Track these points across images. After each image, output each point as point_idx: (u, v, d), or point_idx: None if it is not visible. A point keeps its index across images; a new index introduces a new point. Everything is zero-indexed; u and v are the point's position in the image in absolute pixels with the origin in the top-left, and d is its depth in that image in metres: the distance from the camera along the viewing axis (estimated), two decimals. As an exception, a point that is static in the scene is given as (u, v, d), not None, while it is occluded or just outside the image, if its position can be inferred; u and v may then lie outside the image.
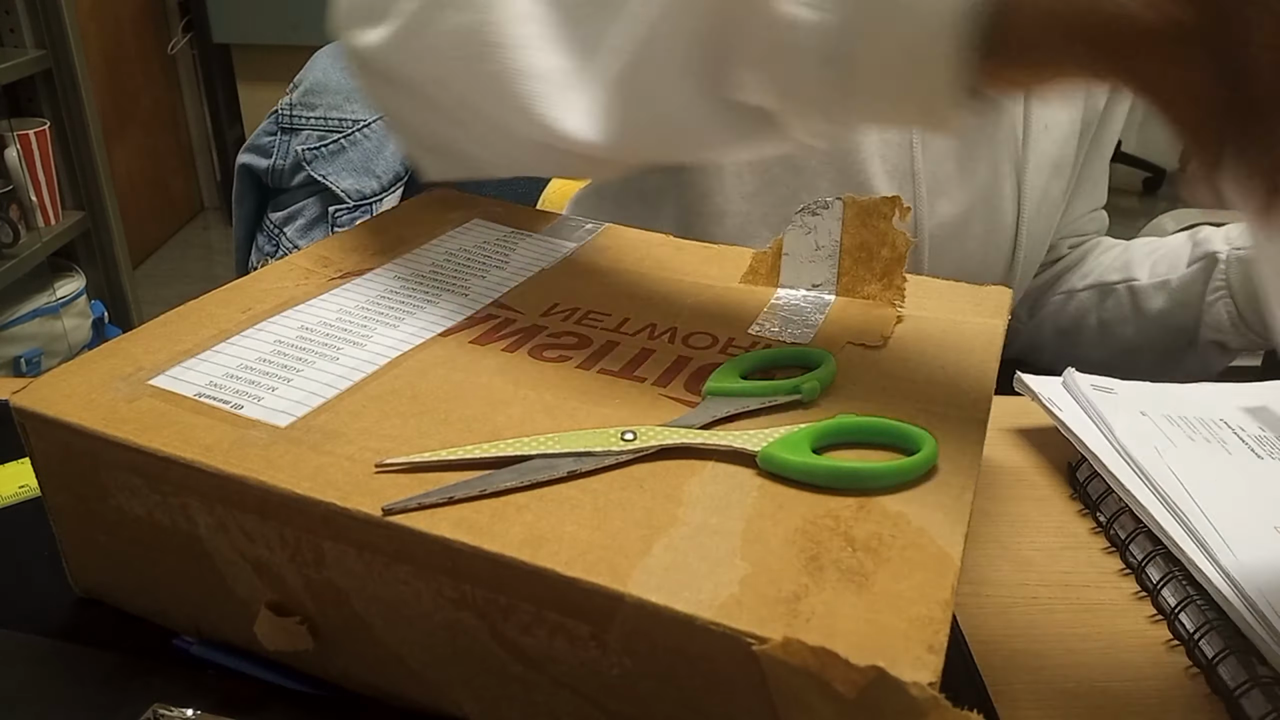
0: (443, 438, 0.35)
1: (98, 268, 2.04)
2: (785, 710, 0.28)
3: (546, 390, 0.39)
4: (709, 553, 0.30)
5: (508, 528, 0.31)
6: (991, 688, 0.39)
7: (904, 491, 0.34)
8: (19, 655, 0.38)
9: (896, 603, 0.29)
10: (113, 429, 0.35)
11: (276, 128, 0.94)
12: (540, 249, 0.53)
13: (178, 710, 0.35)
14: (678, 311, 0.46)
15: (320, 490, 0.33)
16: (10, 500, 0.47)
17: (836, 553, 0.31)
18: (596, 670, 0.31)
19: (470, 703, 0.35)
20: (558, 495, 0.33)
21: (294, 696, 0.37)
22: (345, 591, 0.34)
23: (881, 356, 0.43)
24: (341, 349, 0.41)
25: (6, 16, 1.82)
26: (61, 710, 0.36)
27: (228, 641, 0.38)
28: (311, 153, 0.92)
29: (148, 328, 0.42)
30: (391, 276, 0.48)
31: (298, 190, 0.95)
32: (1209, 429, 0.54)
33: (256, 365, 0.40)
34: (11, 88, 1.85)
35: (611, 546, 0.30)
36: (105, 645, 0.39)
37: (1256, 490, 0.49)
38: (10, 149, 1.76)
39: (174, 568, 0.38)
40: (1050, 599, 0.45)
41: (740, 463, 0.35)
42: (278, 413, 0.37)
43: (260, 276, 0.47)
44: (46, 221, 1.88)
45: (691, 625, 0.28)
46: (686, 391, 0.39)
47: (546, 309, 0.46)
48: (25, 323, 1.81)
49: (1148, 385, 0.58)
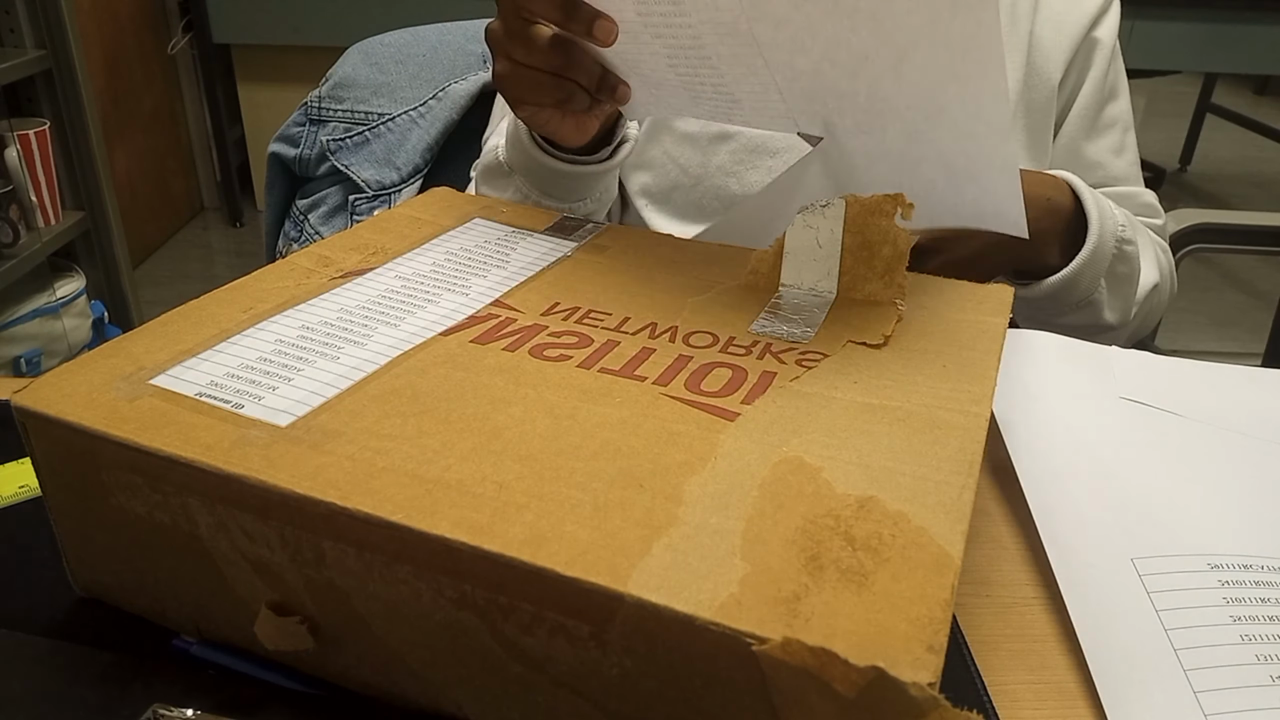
0: (443, 437, 0.35)
1: (98, 268, 2.04)
2: (785, 710, 0.28)
3: (547, 389, 0.39)
4: (709, 553, 0.30)
5: (508, 527, 0.31)
6: (991, 688, 0.39)
7: (904, 491, 0.34)
8: (19, 655, 0.38)
9: (896, 603, 0.29)
10: (113, 428, 0.35)
11: (305, 119, 0.98)
12: (541, 248, 0.53)
13: (178, 710, 0.35)
14: (678, 310, 0.46)
15: (320, 490, 0.32)
16: (10, 500, 0.47)
17: (836, 552, 0.30)
18: (596, 670, 0.31)
19: (470, 703, 0.35)
20: (558, 495, 0.33)
21: (294, 696, 0.37)
22: (345, 591, 0.34)
23: (882, 355, 0.43)
24: (342, 348, 0.41)
25: (6, 16, 1.81)
26: (61, 710, 0.36)
27: (228, 641, 0.38)
28: (336, 143, 0.95)
29: (148, 327, 0.42)
30: (392, 276, 0.48)
31: (323, 179, 0.98)
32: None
33: (257, 365, 0.40)
34: (11, 88, 1.85)
35: (611, 546, 0.30)
36: (105, 645, 0.39)
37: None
38: (10, 149, 1.76)
39: (174, 567, 0.38)
40: (1050, 599, 0.45)
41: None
42: (278, 412, 0.37)
43: (261, 276, 0.47)
44: (46, 221, 1.88)
45: (691, 625, 0.28)
46: (687, 391, 0.39)
47: (547, 308, 0.46)
48: (25, 323, 1.81)
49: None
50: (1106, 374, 0.57)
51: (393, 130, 0.96)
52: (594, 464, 0.34)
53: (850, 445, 0.36)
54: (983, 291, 0.49)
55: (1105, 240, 0.67)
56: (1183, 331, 2.39)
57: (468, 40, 1.01)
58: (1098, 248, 0.67)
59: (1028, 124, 0.78)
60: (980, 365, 0.42)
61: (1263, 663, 0.39)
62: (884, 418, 0.38)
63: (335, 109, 0.97)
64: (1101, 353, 0.60)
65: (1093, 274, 0.68)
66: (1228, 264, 2.75)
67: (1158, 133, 3.66)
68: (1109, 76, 0.81)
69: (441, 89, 0.96)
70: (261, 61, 2.69)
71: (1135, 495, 0.48)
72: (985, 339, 0.44)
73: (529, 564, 0.30)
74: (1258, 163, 3.66)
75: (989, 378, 0.41)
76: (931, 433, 0.37)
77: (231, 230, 2.86)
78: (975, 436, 0.37)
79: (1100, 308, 0.71)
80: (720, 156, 0.77)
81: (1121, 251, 0.69)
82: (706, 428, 0.37)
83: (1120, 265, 0.70)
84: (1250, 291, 2.65)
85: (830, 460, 0.35)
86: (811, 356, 0.42)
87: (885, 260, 0.47)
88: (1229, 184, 3.51)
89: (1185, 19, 2.48)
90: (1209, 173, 3.55)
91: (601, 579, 0.29)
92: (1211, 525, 0.46)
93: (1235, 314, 2.52)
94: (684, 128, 0.78)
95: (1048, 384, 0.57)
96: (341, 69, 0.98)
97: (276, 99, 2.71)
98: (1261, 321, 2.38)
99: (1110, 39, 0.80)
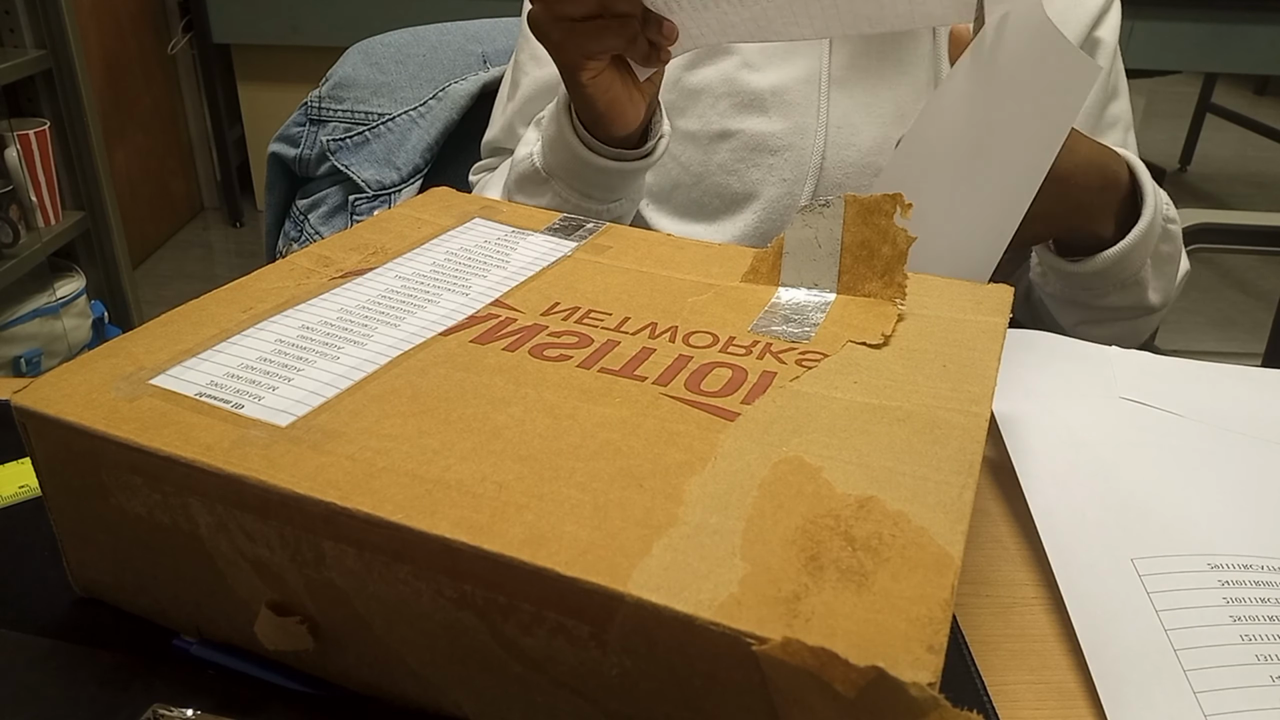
0: (443, 437, 0.35)
1: (98, 268, 2.04)
2: (785, 710, 0.28)
3: (547, 389, 0.39)
4: (709, 553, 0.30)
5: (508, 527, 0.31)
6: (991, 688, 0.39)
7: (904, 491, 0.34)
8: (19, 655, 0.38)
9: (896, 603, 0.29)
10: (113, 428, 0.35)
11: (305, 119, 0.98)
12: (541, 248, 0.53)
13: (178, 710, 0.35)
14: (678, 310, 0.46)
15: (320, 490, 0.32)
16: (10, 500, 0.47)
17: (836, 552, 0.30)
18: (596, 670, 0.31)
19: (470, 703, 0.35)
20: (558, 495, 0.33)
21: (294, 696, 0.37)
22: (345, 591, 0.34)
23: (882, 354, 0.43)
24: (342, 348, 0.41)
25: (6, 16, 1.81)
26: (61, 710, 0.36)
27: (228, 641, 0.38)
28: (336, 143, 0.95)
29: (148, 327, 0.42)
30: (392, 276, 0.48)
31: (323, 179, 0.98)
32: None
33: (257, 365, 0.40)
34: (11, 88, 1.85)
35: (611, 546, 0.30)
36: (105, 645, 0.39)
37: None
38: (10, 149, 1.76)
39: (174, 567, 0.38)
40: (1050, 599, 0.45)
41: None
42: (278, 412, 0.37)
43: (261, 276, 0.47)
44: (46, 221, 1.88)
45: (691, 625, 0.28)
46: (687, 391, 0.39)
47: (547, 308, 0.46)
48: (25, 323, 1.81)
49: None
50: (1106, 374, 0.58)
51: (393, 130, 0.96)
52: (594, 464, 0.34)
53: (850, 445, 0.36)
54: (983, 291, 0.49)
55: (1156, 217, 0.67)
56: (1183, 331, 2.39)
57: (468, 40, 1.01)
58: (1152, 222, 0.67)
59: None
60: (980, 365, 0.42)
61: (1263, 663, 0.39)
62: (884, 418, 0.38)
63: (335, 109, 0.97)
64: (1102, 353, 0.60)
65: (1143, 251, 0.68)
66: (1228, 264, 2.76)
67: (1158, 133, 3.67)
68: (1110, 76, 0.81)
69: (441, 89, 0.97)
70: (261, 61, 2.69)
71: (1135, 495, 0.48)
72: (985, 339, 0.44)
73: (529, 564, 0.30)
74: (1258, 163, 3.66)
75: (989, 378, 0.41)
76: (931, 433, 0.37)
77: (231, 230, 2.86)
78: (975, 436, 0.37)
79: (1145, 287, 0.70)
80: (721, 154, 0.77)
81: (1167, 231, 0.69)
82: (706, 428, 0.37)
83: (1165, 244, 0.70)
84: (1250, 291, 2.65)
85: (830, 460, 0.35)
86: (811, 356, 0.42)
87: (885, 260, 0.47)
88: (1229, 184, 3.51)
89: (1185, 19, 2.48)
90: (1209, 173, 3.55)
91: (601, 579, 0.29)
92: (1211, 525, 0.46)
93: (1235, 314, 2.52)
94: (685, 126, 0.78)
95: (1048, 384, 0.57)
96: (341, 69, 0.98)
97: (276, 99, 2.71)
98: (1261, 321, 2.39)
99: (1112, 38, 0.80)
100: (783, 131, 0.76)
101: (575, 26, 0.58)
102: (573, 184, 0.68)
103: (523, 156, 0.72)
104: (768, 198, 0.77)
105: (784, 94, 0.76)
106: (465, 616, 0.32)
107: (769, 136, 0.76)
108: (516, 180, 0.72)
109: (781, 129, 0.76)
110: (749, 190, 0.77)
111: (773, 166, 0.76)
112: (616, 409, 0.38)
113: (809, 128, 0.76)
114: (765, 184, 0.77)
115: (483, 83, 0.97)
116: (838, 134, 0.76)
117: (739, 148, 0.77)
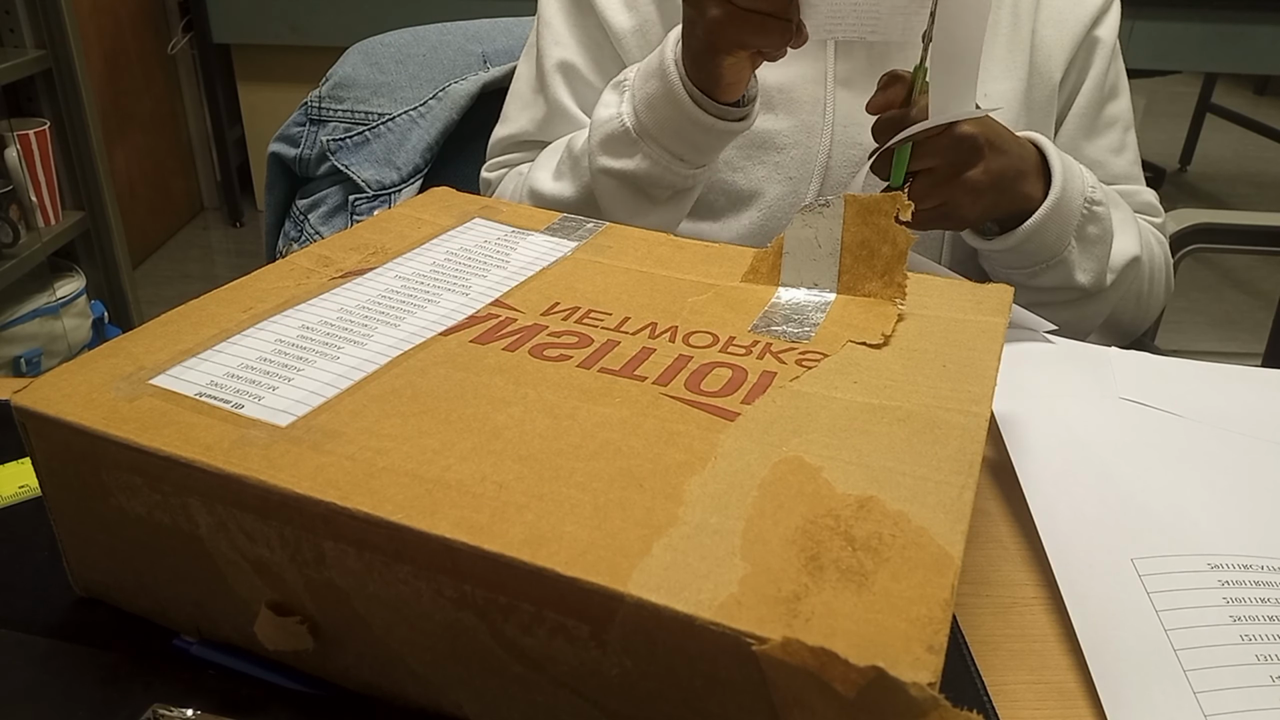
0: (443, 437, 0.35)
1: (98, 268, 2.04)
2: (785, 710, 0.28)
3: (547, 389, 0.39)
4: (709, 553, 0.30)
5: (508, 527, 0.31)
6: (991, 688, 0.39)
7: (904, 491, 0.34)
8: (19, 655, 0.38)
9: (896, 603, 0.29)
10: (113, 428, 0.35)
11: (305, 119, 0.98)
12: (541, 248, 0.53)
13: (178, 710, 0.35)
14: (678, 310, 0.46)
15: (320, 490, 0.32)
16: (10, 500, 0.47)
17: (836, 552, 0.30)
18: (596, 670, 0.31)
19: (470, 703, 0.35)
20: (558, 495, 0.33)
21: (294, 696, 0.37)
22: (345, 591, 0.34)
23: (882, 354, 0.43)
24: (342, 348, 0.41)
25: (6, 16, 1.81)
26: (61, 710, 0.36)
27: (228, 641, 0.38)
28: (336, 143, 0.95)
29: (148, 327, 0.42)
30: (392, 276, 0.48)
31: (323, 179, 0.98)
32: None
33: (257, 365, 0.40)
34: (11, 88, 1.85)
35: (611, 546, 0.30)
36: (105, 645, 0.39)
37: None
38: (10, 149, 1.76)
39: (174, 567, 0.38)
40: (1050, 599, 0.45)
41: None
42: (278, 412, 0.37)
43: (261, 276, 0.47)
44: (46, 221, 1.88)
45: (691, 625, 0.28)
46: (687, 390, 0.39)
47: (547, 308, 0.46)
48: (25, 323, 1.81)
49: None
50: (1106, 374, 0.58)
51: (393, 130, 0.96)
52: (594, 464, 0.34)
53: (850, 445, 0.36)
54: (982, 291, 0.49)
55: (1071, 195, 0.68)
56: (1183, 331, 2.39)
57: (468, 40, 1.01)
58: (1062, 198, 0.67)
59: (1028, 123, 0.78)
60: (980, 365, 0.42)
61: (1263, 663, 0.39)
62: (884, 418, 0.38)
63: (335, 109, 0.97)
64: (1101, 353, 0.60)
65: (1059, 228, 0.69)
66: (1228, 264, 2.76)
67: (1158, 133, 3.66)
68: (1109, 76, 0.81)
69: (441, 89, 0.97)
70: (261, 61, 2.69)
71: (1135, 495, 0.48)
72: (985, 339, 0.44)
73: (529, 564, 0.30)
74: (1258, 163, 3.66)
75: (989, 378, 0.41)
76: (931, 433, 0.37)
77: (231, 230, 2.86)
78: (975, 436, 0.37)
79: (1072, 268, 0.71)
80: (726, 151, 0.77)
81: (1091, 212, 0.70)
82: (706, 428, 0.37)
83: (1091, 226, 0.71)
84: (1250, 291, 2.65)
85: (830, 460, 0.35)
86: (811, 356, 0.42)
87: (885, 259, 0.47)
88: (1229, 184, 3.51)
89: (1185, 19, 2.48)
90: (1209, 173, 3.55)
91: (601, 579, 0.29)
92: (1211, 525, 0.46)
93: (1235, 314, 2.52)
94: None
95: (1048, 384, 0.57)
96: (341, 69, 0.98)
97: (276, 99, 2.71)
98: (1261, 321, 2.39)
99: (1111, 38, 0.81)
100: (788, 129, 0.76)
101: (742, 16, 0.59)
102: (669, 144, 0.68)
103: (608, 118, 0.70)
104: (772, 196, 0.77)
105: (790, 92, 0.76)
106: (465, 616, 0.32)
107: (775, 134, 0.76)
108: (601, 141, 0.71)
109: (787, 127, 0.76)
110: (754, 188, 0.77)
111: (778, 164, 0.76)
112: (616, 409, 0.38)
113: (815, 126, 0.76)
114: (770, 182, 0.77)
115: (483, 83, 0.97)
116: (843, 133, 0.76)
117: (744, 145, 0.77)
